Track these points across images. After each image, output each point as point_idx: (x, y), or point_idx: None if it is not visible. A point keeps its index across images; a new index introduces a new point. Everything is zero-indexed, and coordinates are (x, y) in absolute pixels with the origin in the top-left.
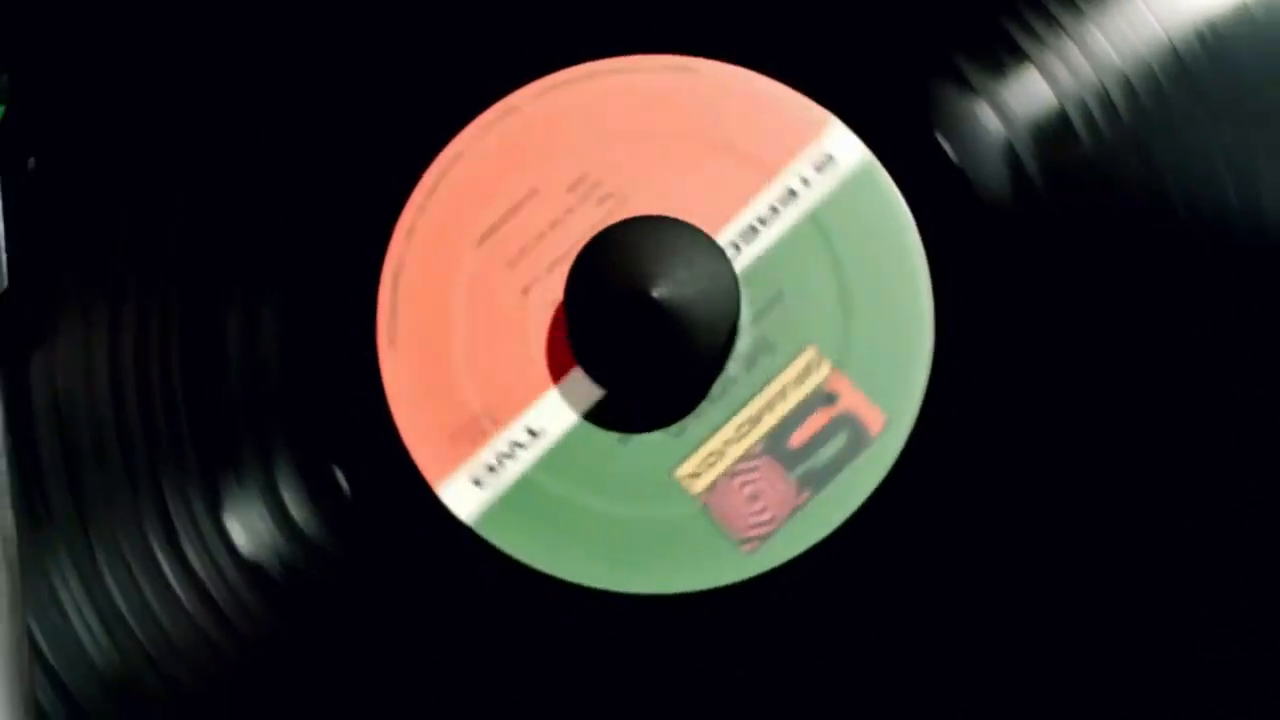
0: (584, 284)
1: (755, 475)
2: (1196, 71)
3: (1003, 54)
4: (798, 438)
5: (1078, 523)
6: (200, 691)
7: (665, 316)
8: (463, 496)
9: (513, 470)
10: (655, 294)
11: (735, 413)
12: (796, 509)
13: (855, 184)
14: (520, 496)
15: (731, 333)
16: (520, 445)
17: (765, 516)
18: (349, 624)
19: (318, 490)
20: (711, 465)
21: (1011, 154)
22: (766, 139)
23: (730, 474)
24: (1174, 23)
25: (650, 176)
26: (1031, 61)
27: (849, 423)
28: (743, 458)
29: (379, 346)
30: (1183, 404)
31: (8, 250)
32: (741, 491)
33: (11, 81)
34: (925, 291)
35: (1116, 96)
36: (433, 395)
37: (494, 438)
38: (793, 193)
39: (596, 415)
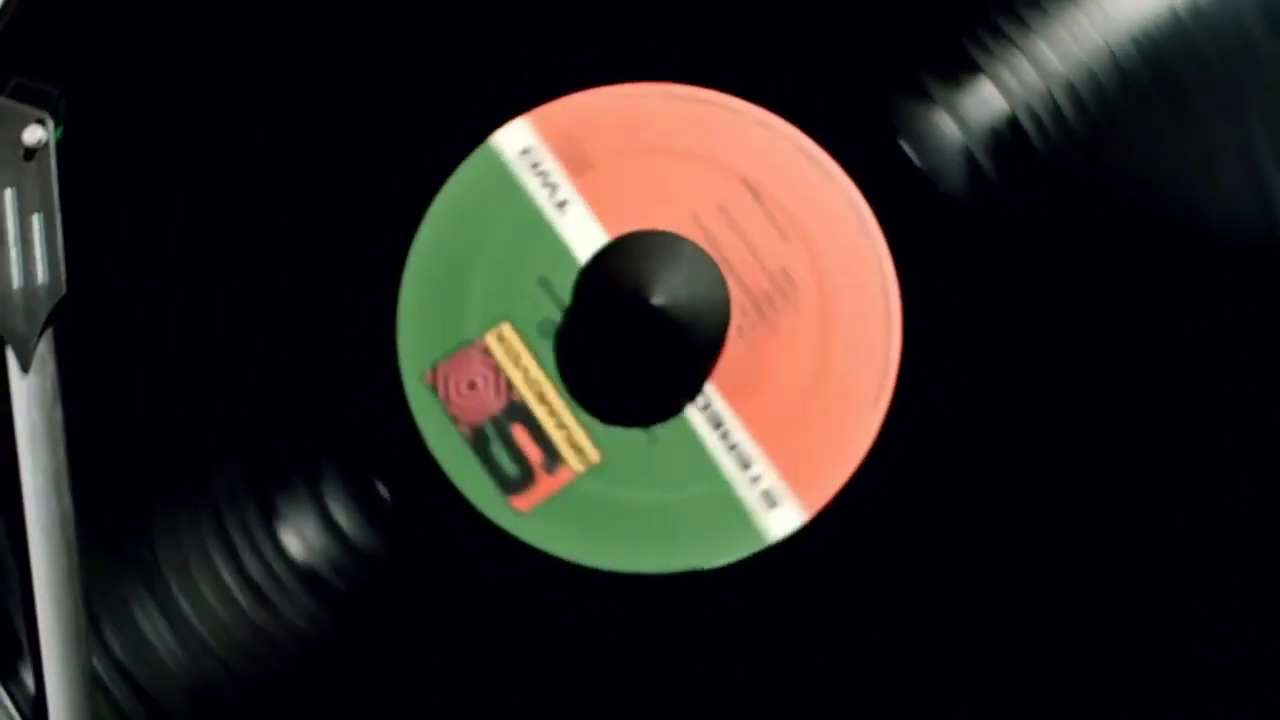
0: (603, 271)
1: None
2: (1134, 76)
3: (959, 69)
4: None
5: (1033, 497)
6: (265, 685)
7: (665, 320)
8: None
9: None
10: (654, 301)
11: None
12: None
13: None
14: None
15: (722, 338)
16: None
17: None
18: (395, 618)
19: (360, 500)
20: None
21: (969, 157)
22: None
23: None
24: (1112, 32)
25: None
26: (985, 73)
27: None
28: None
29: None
30: (1133, 388)
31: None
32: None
33: (64, 102)
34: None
35: (1063, 101)
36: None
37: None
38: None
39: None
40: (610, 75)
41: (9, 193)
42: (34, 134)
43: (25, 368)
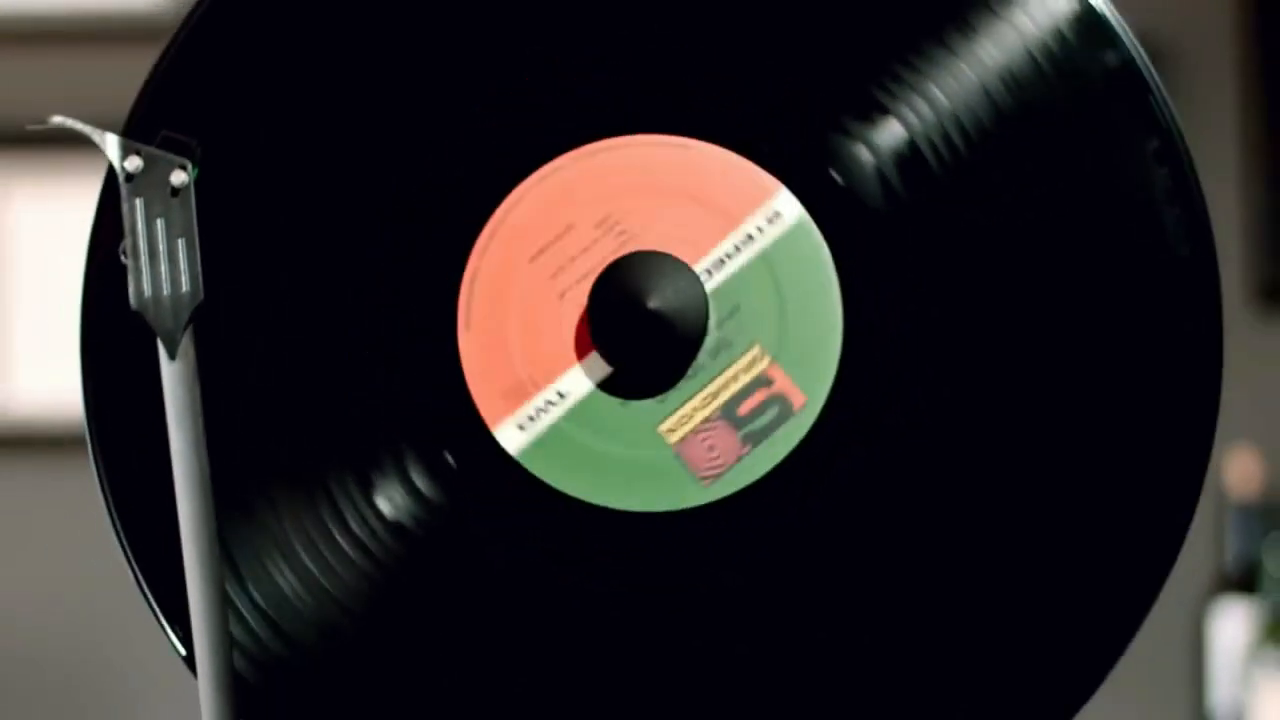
0: (603, 294)
1: (713, 432)
2: (1004, 109)
3: (871, 111)
4: (744, 408)
5: (938, 463)
6: (368, 615)
7: (658, 319)
8: (511, 437)
9: (546, 420)
10: (650, 305)
11: (702, 388)
12: (741, 457)
13: (795, 234)
14: (551, 439)
15: (702, 333)
16: (552, 403)
17: (719, 461)
18: (461, 554)
19: (433, 469)
20: (684, 424)
21: (881, 176)
22: (735, 198)
23: (696, 431)
24: (986, 76)
25: (652, 220)
26: (891, 113)
27: (779, 400)
28: (705, 420)
29: (458, 329)
30: (1020, 372)
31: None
32: (703, 443)
33: (199, 150)
34: (838, 311)
35: (951, 131)
36: (493, 364)
37: (534, 396)
38: (750, 237)
39: (606, 385)
40: (600, 132)
41: (160, 222)
42: (179, 177)
43: (172, 356)
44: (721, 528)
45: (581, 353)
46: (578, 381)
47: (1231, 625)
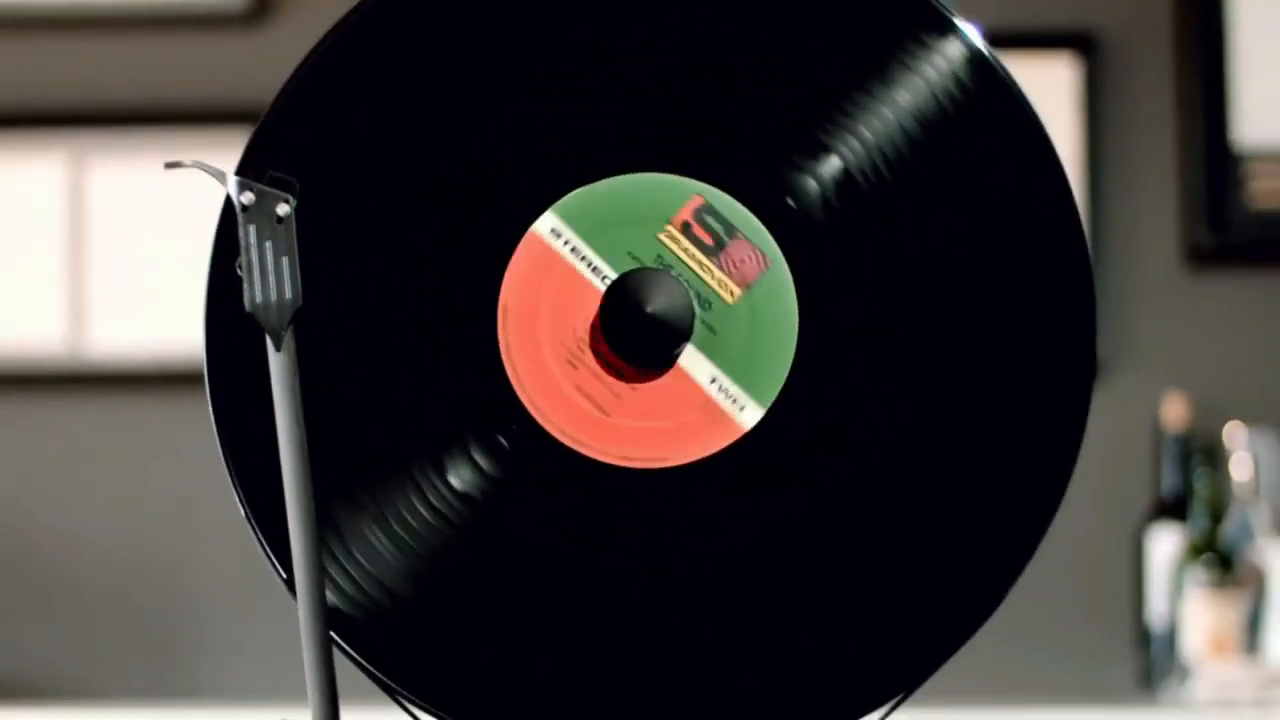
0: (614, 297)
1: (737, 249)
2: (918, 142)
3: (815, 149)
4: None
5: (883, 412)
6: (445, 566)
7: (654, 318)
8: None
9: None
10: (649, 309)
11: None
12: (763, 268)
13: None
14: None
15: (690, 328)
16: None
17: (752, 268)
18: (516, 516)
19: (491, 450)
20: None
21: (826, 193)
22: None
23: (726, 262)
24: (902, 116)
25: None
26: (830, 150)
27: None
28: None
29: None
30: (936, 344)
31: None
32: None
33: (298, 187)
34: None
35: (877, 161)
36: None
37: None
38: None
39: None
40: (599, 172)
41: (268, 244)
42: (283, 208)
43: (278, 348)
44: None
45: (606, 360)
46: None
47: (1165, 546)
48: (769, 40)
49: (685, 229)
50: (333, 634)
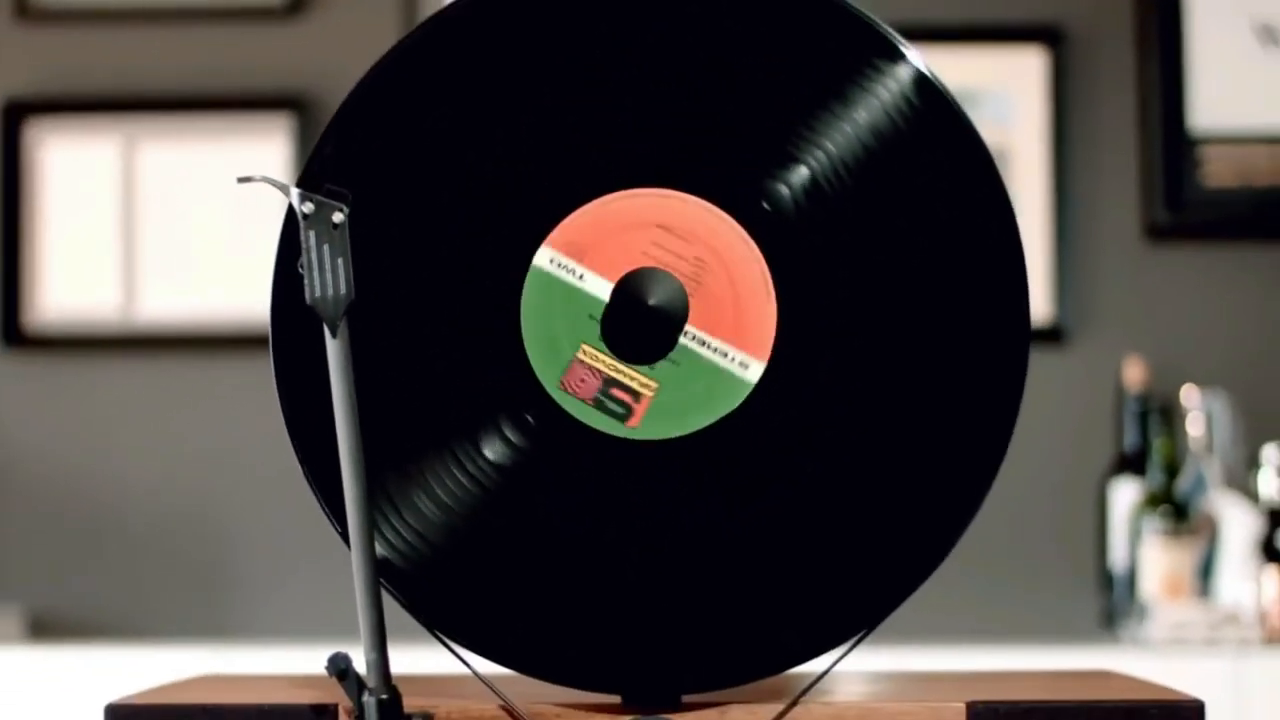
0: (620, 296)
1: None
2: (874, 152)
3: (786, 160)
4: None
5: (850, 365)
6: (481, 525)
7: (655, 310)
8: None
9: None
10: (651, 302)
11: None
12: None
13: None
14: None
15: (684, 317)
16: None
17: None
18: (546, 484)
19: (526, 423)
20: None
21: (796, 198)
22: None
23: None
24: (862, 131)
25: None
26: (800, 162)
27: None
28: None
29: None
30: (888, 310)
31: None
32: None
33: (350, 198)
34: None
35: (839, 169)
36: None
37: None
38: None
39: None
40: (607, 186)
41: (325, 247)
42: (338, 217)
43: (334, 335)
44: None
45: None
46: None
47: (1126, 497)
48: (746, 70)
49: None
50: (381, 580)
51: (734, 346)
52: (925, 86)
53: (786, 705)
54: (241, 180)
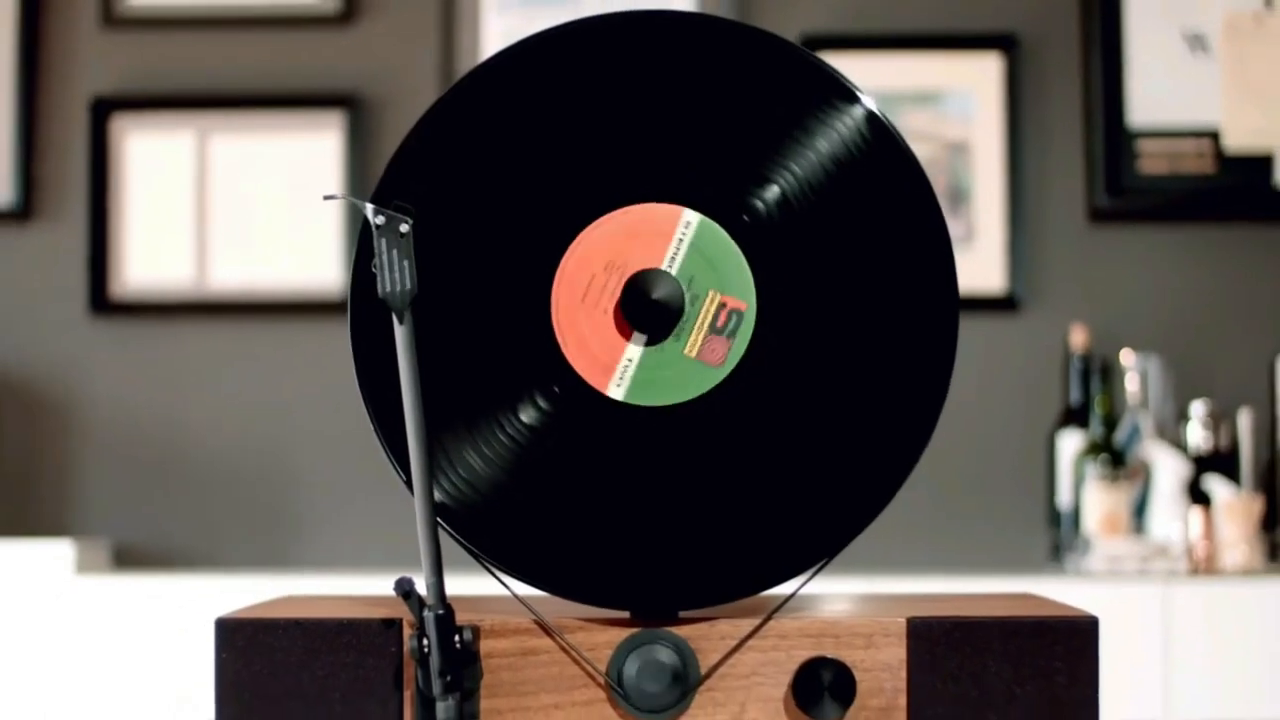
0: (630, 291)
1: (711, 340)
2: (833, 175)
3: (763, 181)
4: (720, 322)
5: (815, 333)
6: (517, 472)
7: (658, 302)
8: (615, 391)
9: (629, 374)
10: (654, 295)
11: (695, 322)
12: (729, 349)
13: (701, 228)
14: (635, 382)
15: (682, 304)
16: (627, 366)
17: (720, 353)
18: (570, 439)
19: (554, 393)
20: (694, 344)
21: (770, 211)
22: (666, 225)
23: (702, 344)
24: (826, 156)
25: (632, 252)
26: (772, 182)
27: (736, 311)
28: (704, 336)
29: (559, 343)
30: (839, 289)
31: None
32: (709, 348)
33: (414, 211)
34: (746, 266)
35: (804, 188)
36: (585, 355)
37: (618, 366)
38: (680, 239)
39: (647, 344)
40: (620, 200)
41: (394, 251)
42: (404, 227)
43: (400, 321)
44: (734, 388)
45: (625, 334)
46: (633, 350)
47: (1070, 446)
48: (731, 109)
49: None
50: (439, 520)
51: None
52: (875, 122)
53: (763, 619)
54: (326, 198)
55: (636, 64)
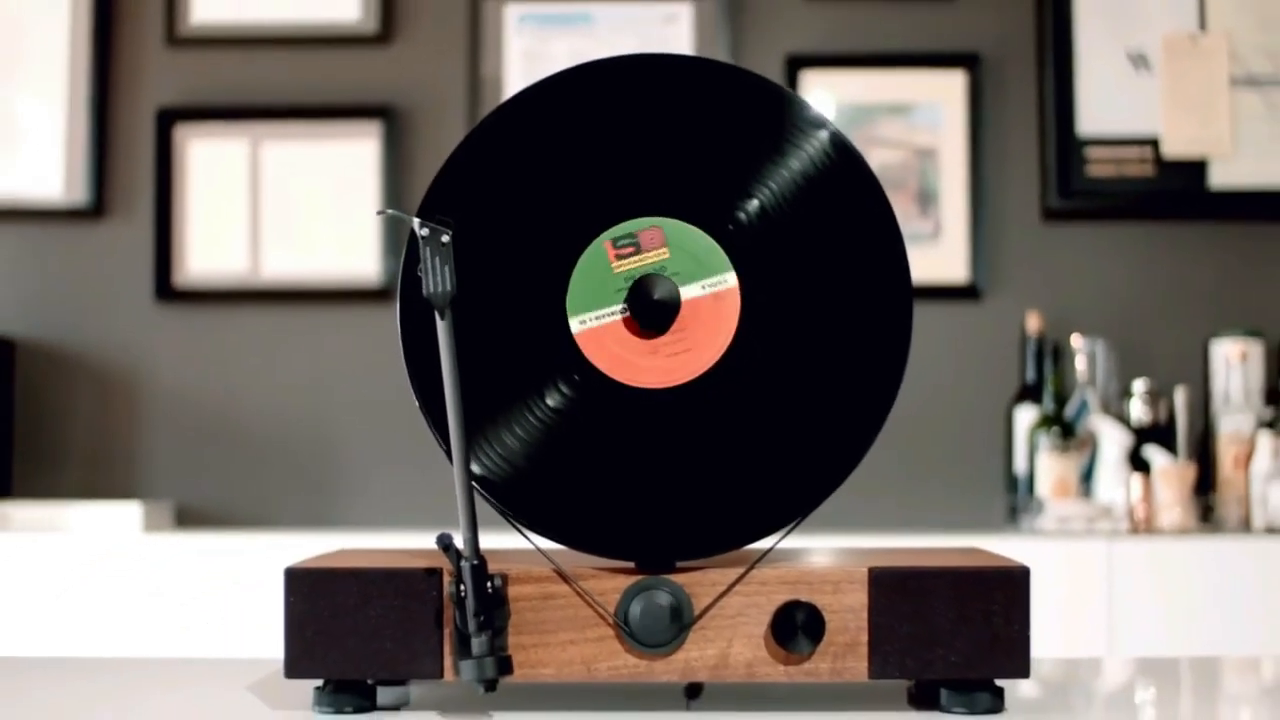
0: (635, 292)
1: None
2: (805, 188)
3: (744, 197)
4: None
5: (794, 316)
6: (544, 447)
7: (660, 302)
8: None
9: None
10: (656, 295)
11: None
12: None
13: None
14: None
15: (678, 303)
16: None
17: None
18: (590, 418)
19: (575, 380)
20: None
21: (751, 220)
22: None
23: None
24: (798, 175)
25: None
26: (753, 196)
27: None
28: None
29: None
30: (809, 281)
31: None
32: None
33: (453, 224)
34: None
35: (778, 200)
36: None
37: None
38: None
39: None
40: (625, 215)
41: (436, 259)
42: (445, 238)
43: (442, 317)
44: (711, 385)
45: (634, 332)
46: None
47: (1025, 418)
48: (719, 135)
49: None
50: (477, 486)
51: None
52: (838, 143)
53: (747, 568)
54: (379, 213)
55: (641, 99)
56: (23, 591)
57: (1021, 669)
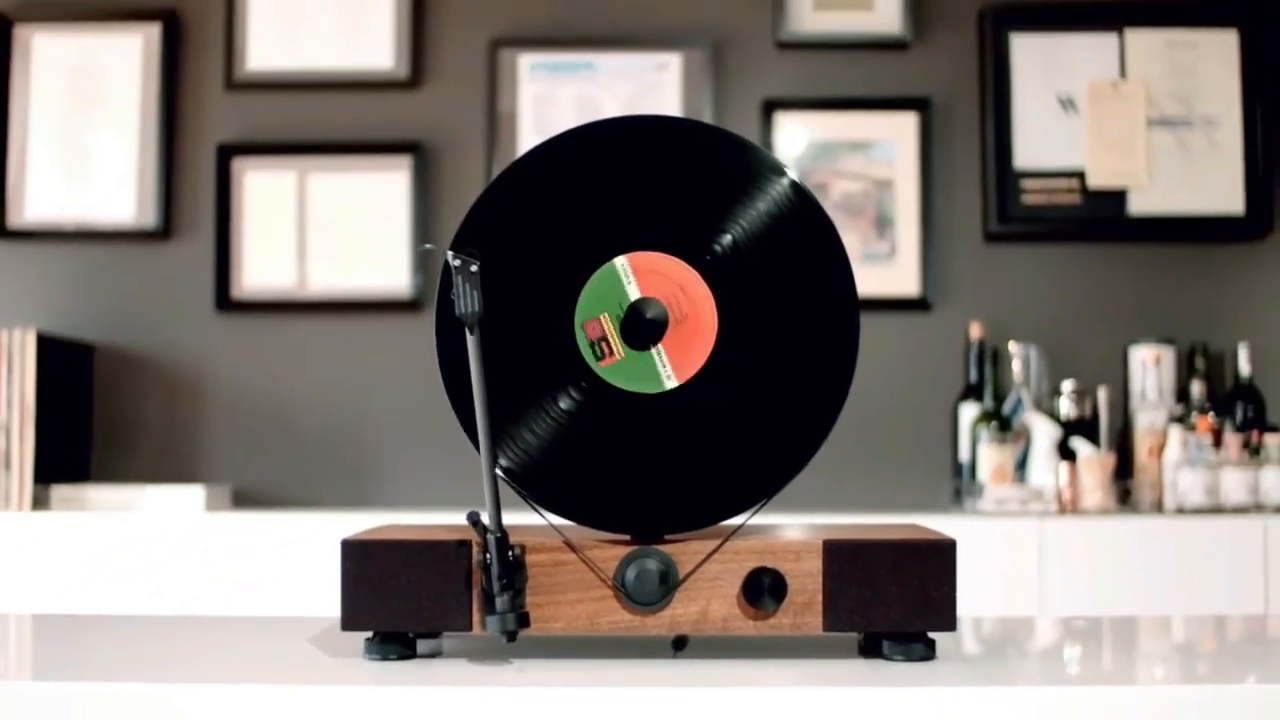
0: (631, 312)
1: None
2: (771, 224)
3: (722, 231)
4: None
5: (773, 332)
6: (557, 442)
7: (651, 320)
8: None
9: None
10: (648, 315)
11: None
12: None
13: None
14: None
15: (666, 323)
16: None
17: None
18: (597, 414)
19: (582, 387)
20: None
21: (725, 252)
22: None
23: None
24: (762, 215)
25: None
26: (726, 232)
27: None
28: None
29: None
30: (775, 302)
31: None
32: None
33: (479, 255)
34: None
35: (751, 233)
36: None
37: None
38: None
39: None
40: (620, 249)
41: (467, 285)
42: (474, 267)
43: (472, 333)
44: (687, 397)
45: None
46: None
47: (969, 414)
48: (698, 180)
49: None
50: (500, 474)
51: (671, 365)
52: (799, 189)
53: (722, 540)
54: (420, 250)
55: (633, 153)
56: (101, 562)
57: (949, 624)
